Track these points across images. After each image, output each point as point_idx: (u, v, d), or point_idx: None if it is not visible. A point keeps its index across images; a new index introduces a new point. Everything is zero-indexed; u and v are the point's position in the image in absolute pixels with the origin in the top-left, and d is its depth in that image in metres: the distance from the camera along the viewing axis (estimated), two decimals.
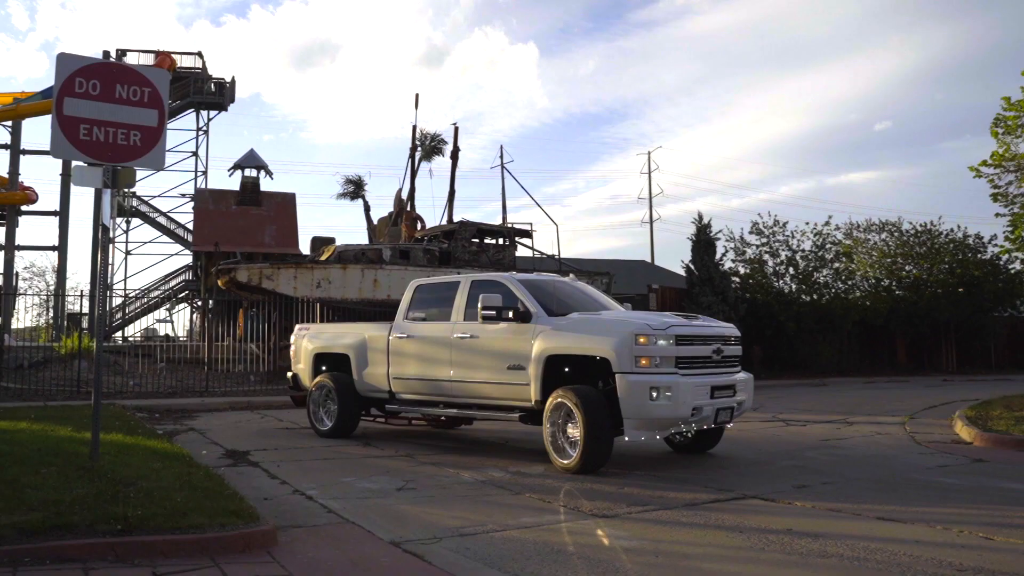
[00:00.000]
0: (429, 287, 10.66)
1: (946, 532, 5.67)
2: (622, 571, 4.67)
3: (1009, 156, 16.09)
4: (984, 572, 4.62)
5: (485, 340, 9.21)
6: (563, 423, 8.26)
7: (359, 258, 25.02)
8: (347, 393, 11.06)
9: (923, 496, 7.09)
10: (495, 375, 9.05)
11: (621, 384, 7.85)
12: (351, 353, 11.15)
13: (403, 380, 10.36)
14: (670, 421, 7.91)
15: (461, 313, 9.66)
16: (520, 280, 9.49)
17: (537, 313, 8.84)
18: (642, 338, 7.87)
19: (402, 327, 10.48)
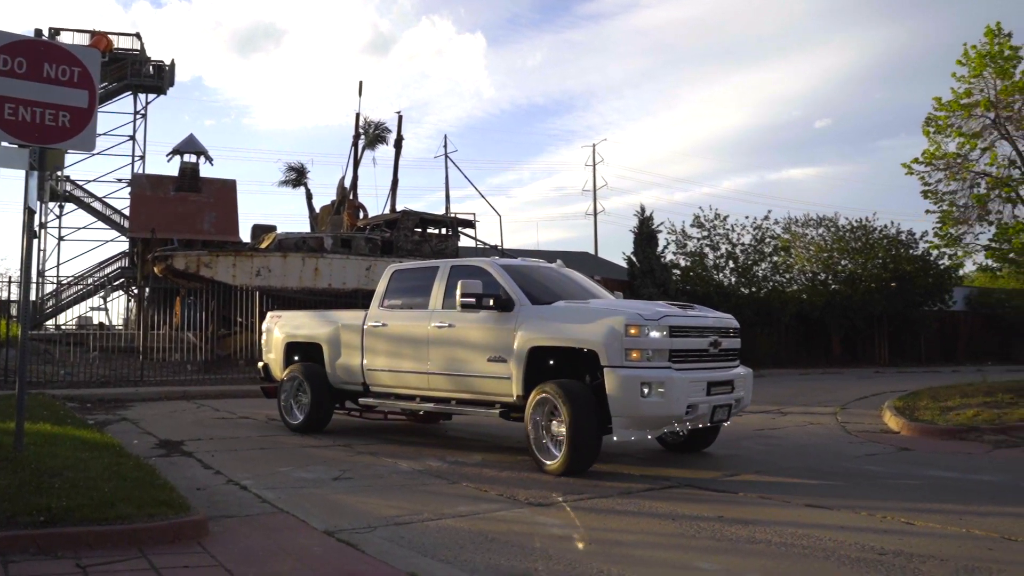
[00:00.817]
0: (406, 273, 10.02)
1: (870, 518, 5.83)
2: (554, 558, 4.71)
3: (939, 155, 16.57)
4: (903, 555, 4.77)
5: (464, 330, 8.61)
6: (547, 420, 7.67)
7: (300, 246, 24.73)
8: (319, 385, 10.43)
9: (850, 483, 7.28)
10: (474, 367, 8.43)
11: (610, 379, 7.25)
12: (324, 342, 10.53)
13: (378, 372, 9.71)
14: (663, 419, 7.35)
15: (439, 301, 9.03)
16: (503, 265, 8.88)
17: (520, 301, 8.23)
18: (633, 329, 7.27)
19: (377, 315, 9.84)
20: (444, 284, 9.06)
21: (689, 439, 8.97)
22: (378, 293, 10.05)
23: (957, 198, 16.65)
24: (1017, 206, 16.40)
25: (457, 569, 4.50)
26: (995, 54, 16.31)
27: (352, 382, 10.13)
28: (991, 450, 9.50)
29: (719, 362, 8.02)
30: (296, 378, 10.69)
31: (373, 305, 10.02)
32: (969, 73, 16.63)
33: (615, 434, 7.38)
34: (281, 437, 10.22)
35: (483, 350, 8.36)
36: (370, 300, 10.31)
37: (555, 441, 7.60)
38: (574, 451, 7.32)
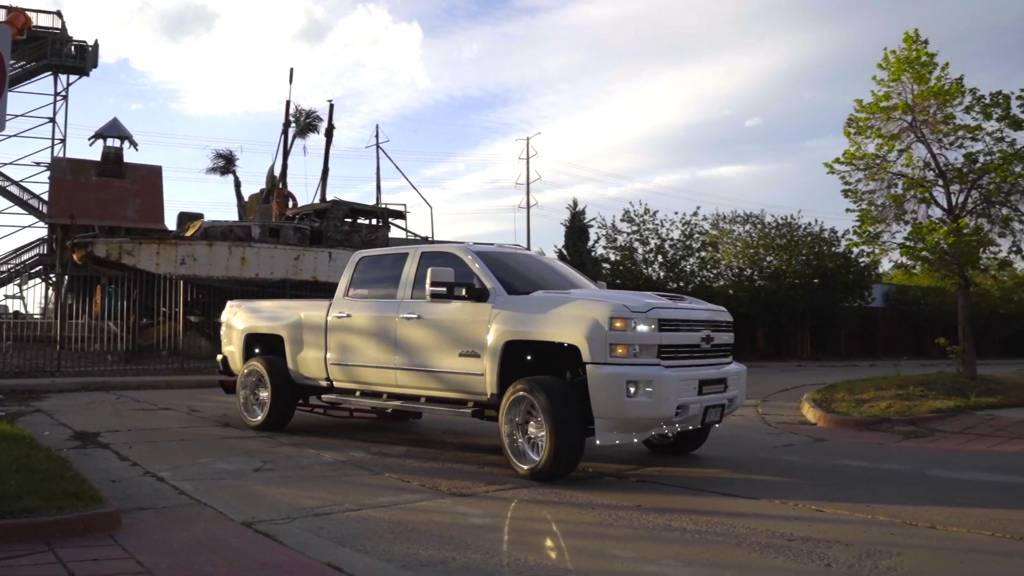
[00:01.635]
0: (373, 260, 9.35)
1: (783, 506, 6.00)
2: (473, 547, 4.74)
3: (859, 155, 17.05)
4: (811, 541, 4.93)
5: (434, 321, 7.96)
6: (523, 421, 7.06)
7: (226, 235, 24.28)
8: (281, 380, 9.71)
9: (766, 473, 7.48)
10: (445, 362, 7.78)
11: (593, 377, 6.60)
12: (285, 334, 9.80)
13: (342, 366, 9.00)
14: (650, 421, 6.74)
15: (408, 290, 8.37)
16: (478, 252, 8.19)
17: (495, 291, 7.57)
18: (618, 322, 6.64)
19: (342, 305, 9.14)
20: (414, 272, 8.42)
21: (677, 441, 8.43)
22: (343, 282, 9.38)
23: (875, 197, 17.15)
24: (931, 207, 16.98)
25: (375, 559, 4.50)
26: (913, 60, 16.83)
27: (315, 377, 9.44)
28: (901, 440, 9.86)
29: (711, 358, 7.46)
30: (256, 372, 10.00)
31: (338, 294, 9.36)
32: (888, 77, 17.13)
33: (598, 437, 6.69)
34: (202, 428, 10.04)
35: (454, 344, 7.73)
36: (297, 291, 10.11)
37: (532, 443, 7.01)
38: (555, 455, 6.69)
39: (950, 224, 16.05)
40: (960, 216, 16.42)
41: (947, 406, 11.81)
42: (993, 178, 16.46)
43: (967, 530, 5.23)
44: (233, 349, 10.78)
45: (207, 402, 13.36)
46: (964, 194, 16.93)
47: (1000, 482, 7.12)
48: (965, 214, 16.69)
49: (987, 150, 16.84)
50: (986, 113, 16.67)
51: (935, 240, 15.88)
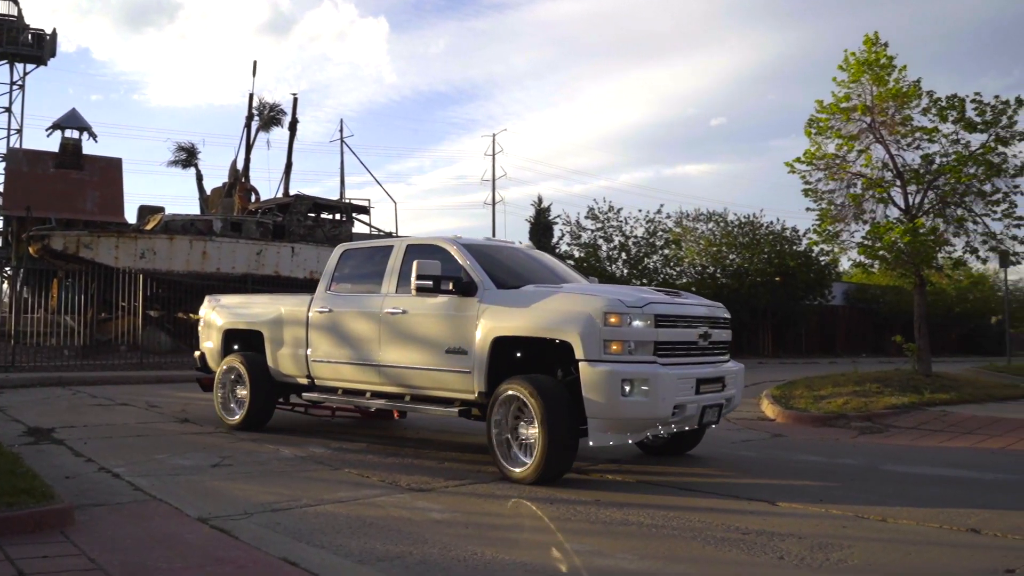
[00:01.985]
0: (357, 253, 8.99)
1: (738, 500, 6.08)
2: (431, 542, 4.74)
3: (819, 155, 17.29)
4: (765, 534, 5.00)
5: (419, 317, 7.65)
6: (513, 422, 6.76)
7: (187, 229, 23.99)
8: (260, 378, 9.36)
9: (724, 468, 7.57)
10: (431, 360, 7.48)
11: (586, 375, 6.32)
12: (265, 330, 9.44)
13: (324, 363, 8.65)
14: (646, 422, 6.46)
15: (393, 284, 8.05)
16: (465, 245, 7.90)
17: (483, 285, 7.27)
18: (613, 317, 6.36)
19: (324, 300, 8.79)
20: (398, 265, 8.10)
21: (672, 441, 8.15)
22: (325, 275, 9.03)
23: (835, 197, 17.40)
24: (888, 206, 17.27)
25: (331, 554, 4.49)
26: (872, 62, 17.09)
27: (296, 375, 9.09)
28: (856, 436, 10.02)
29: (709, 356, 7.19)
30: (234, 369, 9.63)
31: (320, 288, 8.99)
32: (848, 78, 17.38)
33: (591, 438, 6.40)
34: (160, 424, 9.92)
35: (441, 340, 7.42)
36: (259, 286, 9.99)
37: (522, 445, 6.71)
38: (548, 458, 6.39)
39: (907, 224, 16.33)
40: (916, 216, 16.71)
41: (902, 402, 12.03)
42: (948, 179, 16.77)
43: (916, 523, 5.34)
44: (211, 345, 10.41)
45: (166, 398, 13.21)
46: (920, 195, 17.24)
47: (950, 476, 7.27)
48: (921, 214, 16.99)
49: (943, 152, 17.16)
50: (942, 115, 16.99)
51: (892, 239, 16.15)
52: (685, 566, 4.34)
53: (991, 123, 16.67)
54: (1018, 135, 16.63)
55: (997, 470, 7.60)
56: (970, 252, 17.47)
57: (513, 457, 6.75)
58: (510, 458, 6.76)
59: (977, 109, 16.90)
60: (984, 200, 17.03)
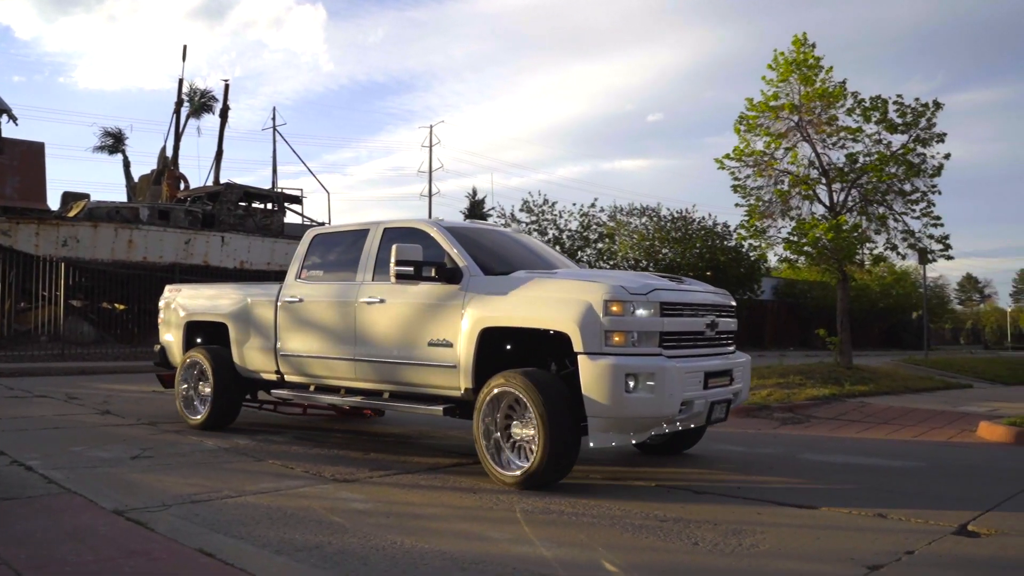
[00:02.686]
0: (329, 237, 8.37)
1: (658, 489, 6.20)
2: (351, 531, 4.73)
3: (748, 152, 17.65)
4: (682, 521, 5.10)
5: (399, 306, 7.09)
6: (504, 421, 6.25)
7: (112, 216, 23.36)
8: (224, 373, 8.74)
9: (646, 459, 7.68)
10: (412, 354, 6.93)
11: (586, 369, 5.80)
12: (230, 321, 8.82)
13: (294, 358, 8.08)
14: (651, 420, 5.95)
15: (370, 271, 7.47)
16: (448, 228, 7.33)
17: (469, 271, 6.73)
18: (615, 305, 5.83)
19: (293, 289, 8.18)
20: (375, 250, 7.51)
21: (671, 440, 7.67)
22: (295, 262, 8.41)
23: (763, 193, 17.80)
24: (814, 203, 17.74)
25: (249, 544, 4.44)
26: (800, 62, 17.50)
27: (263, 370, 8.50)
28: (778, 426, 10.29)
29: (716, 347, 6.73)
30: (197, 364, 9.02)
31: (289, 276, 8.39)
32: (777, 77, 17.77)
33: (592, 439, 5.86)
34: (80, 416, 9.68)
35: (423, 332, 6.87)
36: (187, 276, 9.72)
37: (515, 447, 6.22)
38: (548, 460, 5.87)
39: (831, 221, 16.79)
40: (840, 213, 17.19)
41: (823, 394, 12.40)
42: (871, 178, 17.29)
43: (827, 509, 5.51)
44: (172, 339, 9.75)
45: (88, 390, 12.89)
46: (845, 192, 17.74)
47: (863, 464, 7.52)
48: (845, 212, 17.48)
49: (866, 151, 17.69)
50: (866, 116, 17.50)
51: (816, 236, 16.59)
52: (601, 552, 4.42)
53: (911, 124, 17.24)
54: (936, 137, 17.24)
55: (907, 458, 7.89)
56: (890, 249, 18.07)
57: (505, 461, 6.21)
58: (502, 462, 6.22)
59: (899, 111, 17.45)
60: (904, 199, 17.61)
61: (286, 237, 27.07)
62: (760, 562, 4.27)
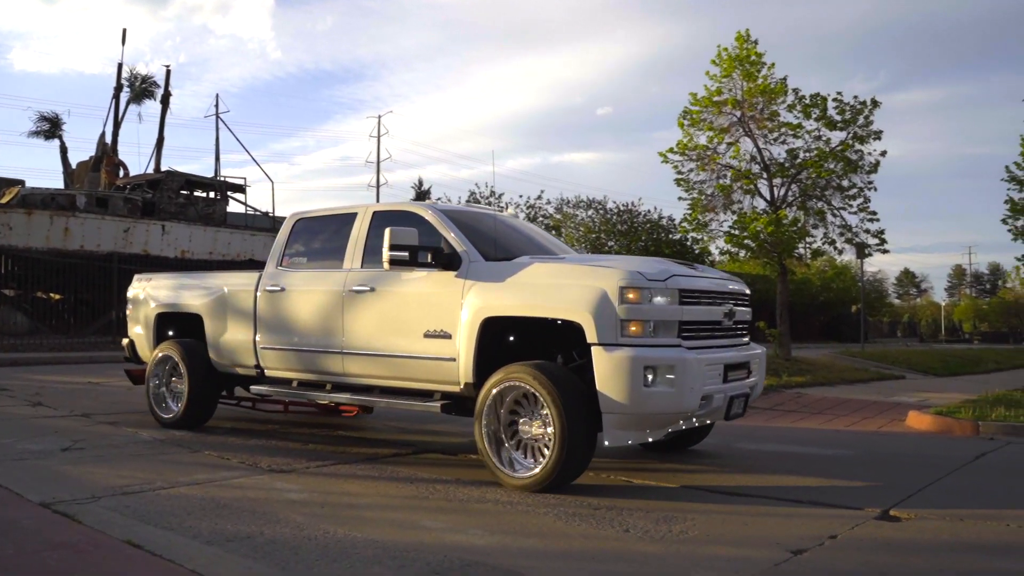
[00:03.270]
0: (314, 222, 7.81)
1: (596, 477, 6.26)
2: (284, 521, 4.71)
3: (691, 146, 17.89)
4: (615, 509, 5.16)
5: (391, 295, 6.64)
6: (509, 418, 5.86)
7: (48, 203, 22.75)
8: (199, 369, 8.16)
9: None
10: (406, 346, 6.47)
11: (602, 362, 5.42)
12: (205, 313, 8.26)
13: (276, 351, 7.55)
14: (671, 416, 5.63)
15: (358, 257, 7.03)
16: (444, 211, 6.91)
17: (469, 256, 6.32)
18: (631, 293, 5.46)
19: (275, 277, 7.66)
20: (364, 235, 7.07)
21: (678, 436, 7.21)
22: (276, 248, 7.89)
23: (706, 187, 18.10)
24: (755, 197, 18.08)
25: (179, 535, 4.39)
26: (743, 58, 17.80)
27: (242, 364, 7.96)
28: None
29: (732, 338, 6.40)
30: (169, 359, 8.40)
31: (269, 264, 7.87)
32: (720, 73, 18.05)
33: (607, 437, 5.53)
34: (10, 408, 9.45)
35: (418, 322, 6.41)
36: (127, 265, 9.41)
37: (523, 447, 5.82)
38: (564, 461, 5.48)
39: (771, 215, 17.11)
40: (780, 208, 17.52)
41: None
42: (810, 173, 17.65)
43: (759, 496, 5.64)
44: (142, 331, 9.08)
45: (20, 381, 12.59)
46: (785, 187, 18.10)
47: (796, 452, 7.71)
48: (785, 206, 17.82)
49: (806, 147, 18.08)
50: (806, 112, 17.86)
51: (756, 230, 16.89)
52: (533, 540, 4.46)
53: (850, 122, 17.65)
54: (873, 134, 17.68)
55: (838, 446, 8.10)
56: (828, 243, 18.48)
57: (511, 460, 5.82)
58: (507, 461, 5.82)
59: (838, 108, 17.84)
60: (842, 194, 18.03)
61: (229, 226, 26.69)
62: (688, 548, 4.35)
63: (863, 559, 4.19)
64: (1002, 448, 8.06)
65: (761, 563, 4.06)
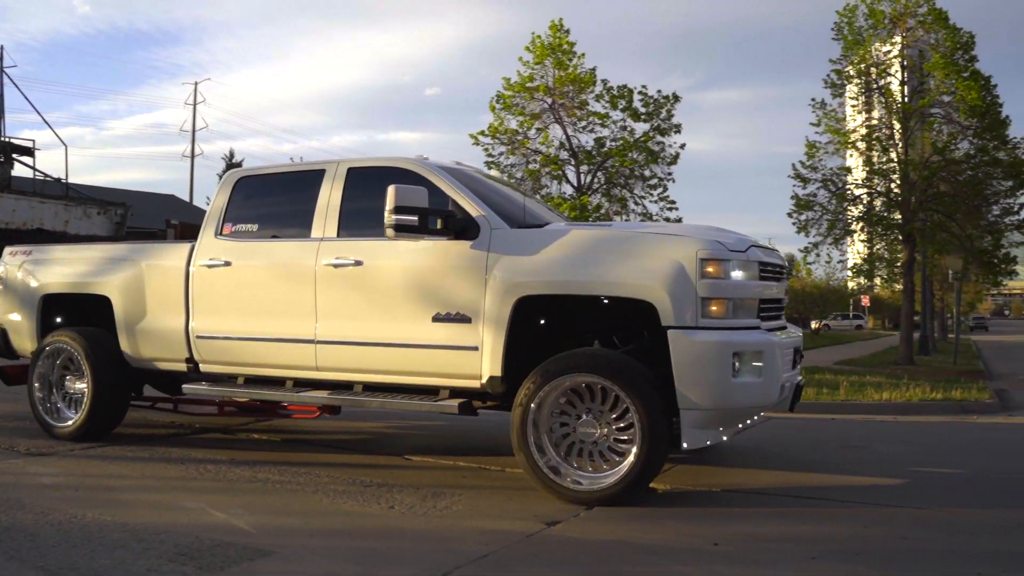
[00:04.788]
0: (261, 182, 6.48)
1: (374, 456, 6.34)
2: (28, 507, 4.46)
3: (502, 130, 18.24)
4: (385, 486, 5.21)
5: (385, 271, 5.51)
6: (555, 419, 4.96)
7: None
8: (107, 364, 6.49)
9: (373, 424, 7.81)
10: (407, 332, 5.36)
11: (682, 348, 4.62)
12: (116, 295, 6.56)
13: (218, 341, 6.11)
14: (751, 411, 5.05)
15: (332, 224, 5.76)
16: (444, 168, 5.76)
17: (490, 222, 5.26)
18: (711, 266, 4.68)
19: (215, 249, 6.17)
20: (339, 197, 5.82)
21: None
22: (212, 216, 6.38)
23: (515, 171, 18.52)
24: (563, 183, 18.69)
25: None
26: (556, 46, 18.29)
27: (168, 358, 6.41)
28: None
29: (782, 319, 5.77)
30: (63, 352, 6.68)
31: (204, 233, 6.33)
32: (533, 60, 18.47)
33: (685, 438, 4.71)
34: None
35: (424, 303, 5.34)
36: None
37: (573, 451, 4.94)
38: (644, 471, 4.73)
39: (576, 200, 17.75)
40: (584, 194, 18.20)
41: None
42: (615, 162, 18.42)
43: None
44: (19, 318, 7.18)
45: None
46: (591, 175, 18.79)
47: None
48: (591, 193, 18.53)
49: (613, 136, 18.83)
50: (613, 103, 18.60)
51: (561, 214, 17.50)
52: (294, 519, 4.45)
53: (653, 114, 18.53)
54: (674, 127, 18.66)
55: None
56: None
57: (562, 470, 4.90)
58: (561, 471, 4.89)
59: (643, 100, 18.68)
60: (644, 183, 18.93)
61: (14, 192, 24.60)
62: (449, 522, 4.48)
63: (614, 528, 4.43)
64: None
65: (514, 535, 4.24)
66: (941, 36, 23.03)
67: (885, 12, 23.18)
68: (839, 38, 23.46)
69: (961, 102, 22.63)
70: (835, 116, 23.74)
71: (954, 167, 23.43)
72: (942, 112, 23.57)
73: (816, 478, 5.79)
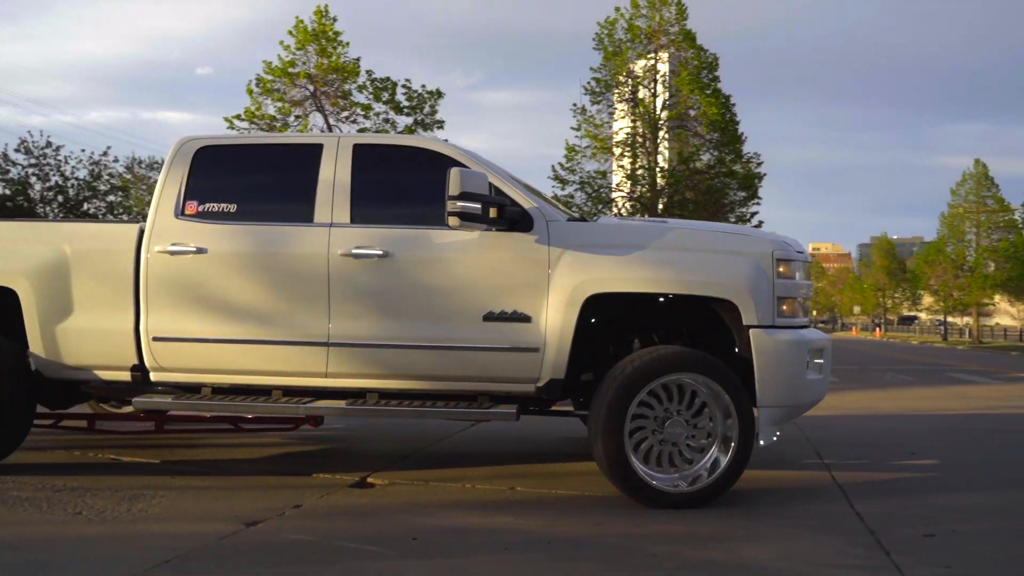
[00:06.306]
0: (235, 154, 5.58)
1: (83, 455, 5.87)
2: None
3: (260, 115, 17.68)
4: (81, 490, 4.83)
5: (425, 264, 4.98)
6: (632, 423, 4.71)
7: None
8: (7, 375, 5.15)
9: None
10: (453, 332, 4.90)
11: (765, 347, 4.68)
12: (26, 287, 5.20)
13: (185, 344, 5.11)
14: (810, 407, 5.16)
15: (342, 209, 5.02)
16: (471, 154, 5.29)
17: (546, 215, 4.96)
18: (783, 266, 4.82)
19: (180, 232, 5.12)
20: (347, 177, 5.08)
21: None
22: (167, 192, 5.22)
23: None
24: None
25: None
26: (320, 33, 17.91)
27: (104, 366, 5.28)
28: None
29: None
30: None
31: (158, 214, 5.20)
32: (295, 45, 18.00)
33: (762, 435, 4.78)
34: None
35: (475, 300, 4.90)
36: None
37: (653, 455, 4.76)
38: (732, 474, 4.75)
39: None
40: None
41: None
42: None
43: (241, 474, 5.68)
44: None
45: None
46: None
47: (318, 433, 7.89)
48: None
49: (376, 128, 18.75)
50: (376, 95, 18.52)
51: None
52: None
53: (416, 109, 18.63)
54: (436, 123, 18.87)
55: (358, 426, 8.44)
56: None
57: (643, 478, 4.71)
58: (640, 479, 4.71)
59: (406, 94, 18.73)
60: None
61: None
62: (139, 527, 4.21)
63: (315, 525, 4.35)
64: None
65: (206, 537, 4.04)
66: (690, 55, 24.97)
67: (641, 28, 24.79)
68: (600, 48, 24.80)
69: (704, 116, 24.66)
70: (594, 122, 25.09)
71: (697, 176, 25.48)
72: (688, 125, 25.55)
73: (534, 469, 6.03)
